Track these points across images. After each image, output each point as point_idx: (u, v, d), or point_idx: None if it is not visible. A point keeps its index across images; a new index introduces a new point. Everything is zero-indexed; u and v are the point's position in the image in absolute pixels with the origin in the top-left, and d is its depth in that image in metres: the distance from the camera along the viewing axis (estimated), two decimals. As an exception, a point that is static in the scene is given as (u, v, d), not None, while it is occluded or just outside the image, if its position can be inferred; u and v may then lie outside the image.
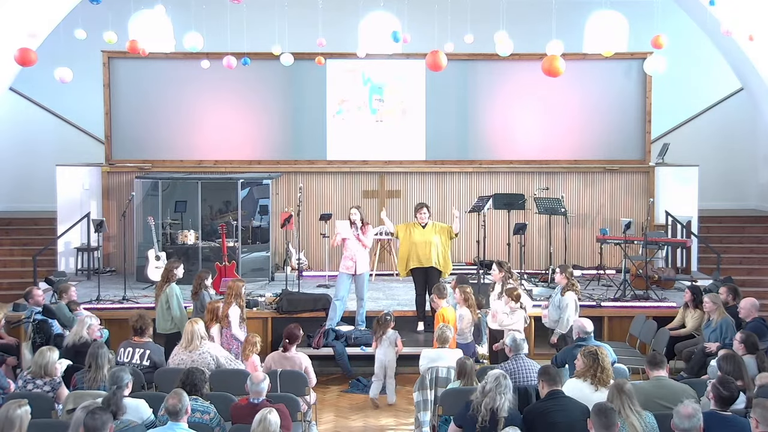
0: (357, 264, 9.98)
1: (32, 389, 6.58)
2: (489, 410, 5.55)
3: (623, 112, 13.91)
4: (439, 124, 13.86)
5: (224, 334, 8.48)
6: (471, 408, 5.65)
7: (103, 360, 6.57)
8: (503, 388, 5.60)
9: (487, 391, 5.61)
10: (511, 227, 12.43)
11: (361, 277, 10.06)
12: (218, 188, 12.96)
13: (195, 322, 7.62)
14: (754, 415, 5.05)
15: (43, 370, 6.65)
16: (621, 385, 5.52)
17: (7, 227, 14.29)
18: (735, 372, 6.25)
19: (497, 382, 5.62)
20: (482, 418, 5.54)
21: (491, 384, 5.62)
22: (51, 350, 6.79)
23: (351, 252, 10.02)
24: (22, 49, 7.90)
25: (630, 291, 10.98)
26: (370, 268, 10.42)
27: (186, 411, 5.44)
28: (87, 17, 11.71)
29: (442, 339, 7.68)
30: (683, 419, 5.00)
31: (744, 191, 15.94)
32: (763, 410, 5.00)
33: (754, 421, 5.04)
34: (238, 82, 13.67)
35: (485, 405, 5.57)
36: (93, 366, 6.57)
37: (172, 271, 9.05)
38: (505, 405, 5.58)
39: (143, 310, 8.51)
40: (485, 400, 5.58)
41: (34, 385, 6.62)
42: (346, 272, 10.03)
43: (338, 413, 8.72)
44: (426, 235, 10.02)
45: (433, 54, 8.33)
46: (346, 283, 10.07)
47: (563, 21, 12.63)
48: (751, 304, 8.17)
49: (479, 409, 5.57)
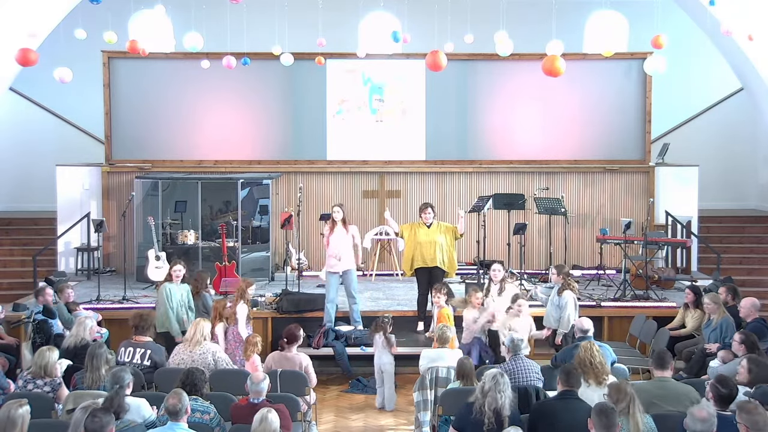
0: (342, 261, 9.93)
1: (32, 389, 6.57)
2: (493, 411, 5.53)
3: (623, 112, 13.91)
4: (439, 124, 13.86)
5: (230, 332, 8.48)
6: (474, 411, 5.60)
7: (99, 361, 6.55)
8: (502, 386, 5.59)
9: (486, 391, 5.59)
10: (511, 227, 12.43)
11: (348, 274, 9.98)
12: (218, 188, 12.96)
13: (199, 322, 7.64)
14: (741, 420, 4.95)
15: (43, 371, 6.64)
16: (624, 385, 5.52)
17: (7, 227, 14.29)
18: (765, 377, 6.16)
19: (495, 381, 5.60)
20: (488, 420, 5.50)
21: (489, 383, 5.60)
22: (51, 350, 6.78)
23: (334, 250, 9.94)
24: (22, 49, 7.90)
25: (630, 291, 10.98)
26: (357, 263, 10.27)
27: (186, 411, 5.44)
28: (87, 17, 11.71)
29: (442, 339, 7.68)
30: (696, 422, 4.94)
31: (744, 191, 15.94)
32: (749, 414, 4.91)
33: (743, 427, 4.93)
34: (238, 82, 13.67)
35: (488, 406, 5.53)
36: (89, 366, 6.57)
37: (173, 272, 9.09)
38: (506, 403, 5.57)
39: (144, 310, 8.51)
40: (487, 400, 5.56)
41: (34, 384, 6.61)
42: (331, 271, 9.98)
43: (338, 413, 8.72)
44: (431, 234, 10.00)
45: (433, 54, 8.33)
46: (335, 284, 10.01)
47: (563, 21, 12.63)
48: (751, 304, 8.16)
49: (483, 411, 5.54)
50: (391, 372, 8.73)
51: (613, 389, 5.52)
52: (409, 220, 13.03)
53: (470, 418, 5.61)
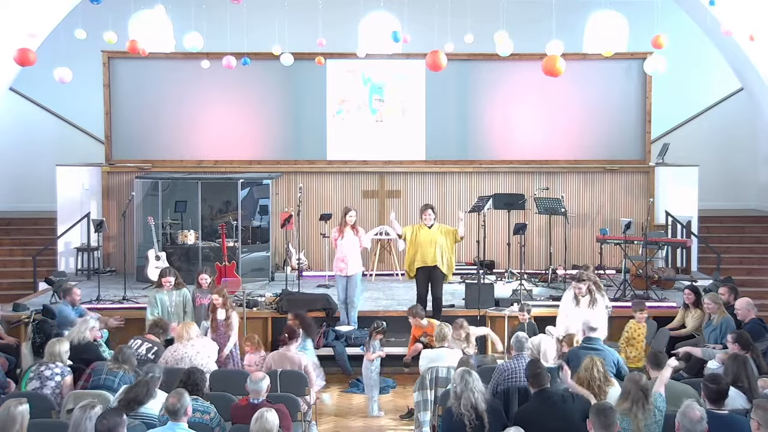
0: (348, 265, 10.12)
1: (44, 371, 6.69)
2: (472, 410, 5.59)
3: (623, 112, 13.91)
4: (439, 124, 13.86)
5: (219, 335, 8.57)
6: (453, 414, 5.65)
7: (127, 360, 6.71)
8: (471, 384, 5.66)
9: (459, 393, 5.66)
10: (511, 227, 12.43)
11: (353, 279, 10.15)
12: (218, 188, 12.96)
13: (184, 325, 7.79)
14: (755, 416, 5.02)
15: (53, 357, 6.80)
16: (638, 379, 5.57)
17: (7, 227, 14.29)
18: (739, 372, 6.20)
19: (464, 381, 5.68)
20: (469, 420, 5.57)
21: (460, 385, 5.67)
22: (60, 341, 6.98)
23: (342, 253, 10.16)
24: (21, 50, 7.90)
25: (630, 291, 10.98)
26: (363, 268, 10.51)
27: (186, 412, 5.43)
28: (87, 17, 11.72)
29: (440, 337, 7.67)
30: (687, 421, 4.98)
31: (744, 191, 15.94)
32: (765, 412, 4.97)
33: (755, 422, 5.00)
34: (238, 82, 13.67)
35: (464, 407, 5.60)
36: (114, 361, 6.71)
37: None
38: (479, 398, 5.63)
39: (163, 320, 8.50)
40: (462, 401, 5.62)
41: (46, 367, 6.71)
42: (339, 274, 10.19)
43: (338, 413, 8.72)
44: (431, 235, 10.06)
45: (433, 54, 8.32)
46: (343, 286, 10.20)
47: (563, 21, 12.63)
48: (746, 304, 8.16)
49: (462, 412, 5.60)
50: (370, 375, 8.70)
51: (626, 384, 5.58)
52: (409, 220, 13.06)
53: (452, 421, 5.66)
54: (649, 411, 5.48)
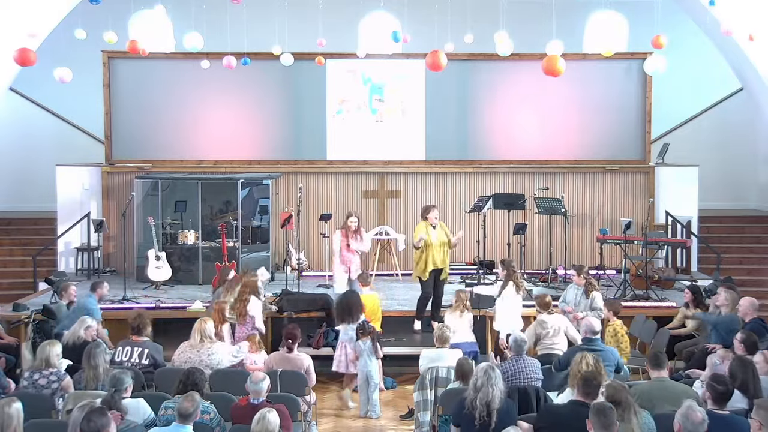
0: (351, 271, 10.34)
1: (38, 379, 6.61)
2: (485, 405, 5.58)
3: (623, 112, 13.91)
4: (439, 124, 13.86)
5: (239, 331, 8.53)
6: (466, 406, 5.65)
7: (97, 360, 6.57)
8: (494, 380, 5.64)
9: (479, 386, 5.64)
10: (511, 227, 12.43)
11: (354, 282, 10.19)
12: (218, 188, 12.96)
13: (204, 321, 7.62)
14: (756, 416, 4.99)
15: (45, 363, 6.70)
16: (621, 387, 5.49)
17: (7, 227, 14.29)
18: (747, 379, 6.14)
19: (487, 376, 5.65)
20: (479, 414, 5.56)
21: (482, 378, 5.65)
22: (51, 344, 6.85)
23: (346, 264, 10.39)
24: (21, 49, 7.90)
25: (630, 291, 10.99)
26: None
27: (196, 415, 5.42)
28: (87, 17, 11.72)
29: (441, 339, 7.68)
30: (689, 423, 4.95)
31: (744, 191, 15.94)
32: (767, 412, 4.95)
33: (757, 423, 4.97)
34: (238, 82, 13.66)
35: (480, 400, 5.59)
36: (87, 366, 6.59)
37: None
38: (497, 396, 5.61)
39: (142, 309, 8.51)
40: (479, 395, 5.61)
41: (40, 375, 6.64)
42: (343, 276, 10.41)
43: (338, 413, 8.72)
44: (439, 236, 10.19)
45: (433, 54, 8.33)
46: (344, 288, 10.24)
47: (563, 21, 12.62)
48: (749, 304, 8.17)
49: (475, 406, 5.59)
50: (375, 376, 8.65)
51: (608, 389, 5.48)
52: (409, 220, 13.07)
53: (463, 413, 5.67)
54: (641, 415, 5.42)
